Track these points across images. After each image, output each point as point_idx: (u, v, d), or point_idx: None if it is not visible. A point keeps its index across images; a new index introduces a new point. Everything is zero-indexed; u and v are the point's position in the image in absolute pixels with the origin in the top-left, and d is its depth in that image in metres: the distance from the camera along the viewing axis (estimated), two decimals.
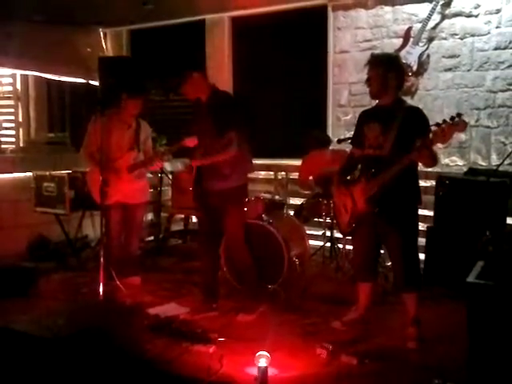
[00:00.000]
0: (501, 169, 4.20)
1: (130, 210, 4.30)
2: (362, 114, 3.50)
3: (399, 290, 3.35)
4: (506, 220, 4.16)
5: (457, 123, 2.86)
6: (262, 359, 2.62)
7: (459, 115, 2.87)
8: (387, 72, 3.23)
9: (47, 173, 4.98)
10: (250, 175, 5.94)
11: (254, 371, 2.66)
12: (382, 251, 3.75)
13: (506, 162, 4.38)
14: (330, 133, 5.71)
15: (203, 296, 3.83)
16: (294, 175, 5.42)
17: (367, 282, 3.48)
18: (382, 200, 3.18)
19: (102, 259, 3.65)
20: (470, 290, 2.30)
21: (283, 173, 5.57)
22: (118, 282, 3.94)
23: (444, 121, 2.89)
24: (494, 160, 4.86)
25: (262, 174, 6.12)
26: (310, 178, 5.09)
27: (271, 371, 2.68)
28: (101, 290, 3.58)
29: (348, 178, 3.60)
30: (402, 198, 3.21)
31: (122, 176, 4.12)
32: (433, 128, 2.97)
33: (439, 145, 3.19)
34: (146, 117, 4.50)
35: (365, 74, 3.37)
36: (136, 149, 4.26)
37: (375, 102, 3.49)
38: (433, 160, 3.15)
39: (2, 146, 6.58)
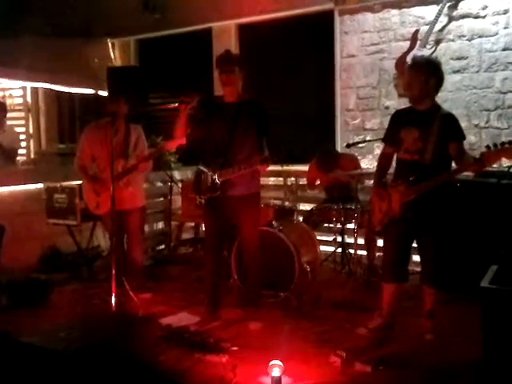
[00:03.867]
0: None
1: (125, 216, 4.25)
2: (398, 114, 3.50)
3: (424, 283, 3.40)
4: None
5: (505, 149, 2.90)
6: (276, 368, 2.60)
7: (510, 142, 2.89)
8: (429, 77, 3.24)
9: (58, 184, 5.01)
10: (260, 181, 5.98)
11: (267, 381, 2.65)
12: None
13: None
14: (338, 137, 5.71)
15: (208, 304, 3.79)
16: (304, 181, 5.41)
17: (394, 282, 3.43)
18: (420, 205, 3.21)
19: (113, 270, 3.64)
20: (485, 295, 2.27)
21: (293, 179, 5.57)
22: (130, 292, 3.94)
23: (494, 145, 2.95)
24: (505, 161, 4.80)
25: (272, 181, 6.12)
26: (318, 182, 5.08)
27: (285, 380, 2.66)
28: (113, 300, 3.57)
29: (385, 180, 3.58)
30: (439, 202, 3.26)
31: (109, 186, 3.92)
32: (483, 150, 3.00)
33: None
34: (141, 121, 4.49)
35: (373, 77, 3.37)
36: (124, 156, 4.15)
37: (384, 106, 3.49)
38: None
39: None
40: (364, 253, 4.76)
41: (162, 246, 6.02)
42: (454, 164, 3.29)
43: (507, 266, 2.46)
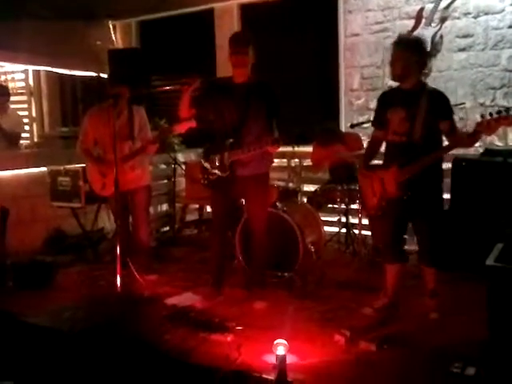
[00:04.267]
0: None
1: (130, 196, 4.28)
2: (384, 96, 3.47)
3: (422, 263, 3.41)
4: None
5: (504, 117, 2.83)
6: (280, 347, 2.61)
7: (507, 110, 2.84)
8: (412, 55, 3.19)
9: (61, 167, 5.01)
10: None
11: (272, 359, 2.66)
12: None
13: None
14: (342, 117, 5.67)
15: (213, 284, 3.82)
16: (308, 162, 5.38)
17: (396, 263, 3.46)
18: (413, 185, 3.19)
19: (118, 251, 3.65)
20: (490, 273, 2.26)
21: (296, 160, 5.54)
22: (135, 273, 3.96)
23: (490, 114, 2.88)
24: (511, 140, 4.77)
25: (276, 162, 6.07)
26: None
27: (290, 359, 2.67)
28: (118, 281, 3.59)
29: (374, 162, 3.57)
30: (431, 182, 3.26)
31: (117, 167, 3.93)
32: (479, 120, 2.94)
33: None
34: (143, 103, 4.46)
35: (377, 56, 3.33)
36: (130, 139, 4.17)
37: (388, 85, 3.46)
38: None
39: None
40: (368, 233, 4.75)
41: (167, 228, 6.04)
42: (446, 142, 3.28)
43: None
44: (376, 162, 3.59)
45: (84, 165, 4.60)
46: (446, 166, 4.59)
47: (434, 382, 2.62)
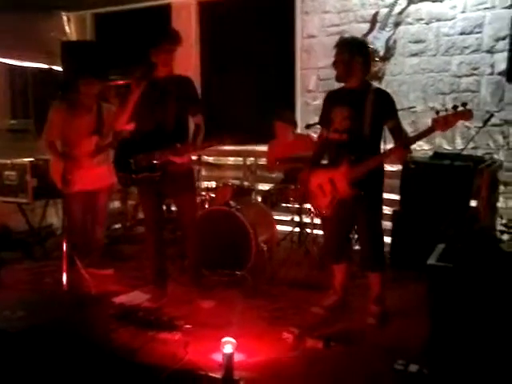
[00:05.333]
0: (465, 152, 4.25)
1: (94, 196, 4.24)
2: (329, 94, 3.49)
3: (365, 269, 3.43)
4: (469, 203, 4.23)
5: (462, 112, 2.83)
6: (228, 345, 2.59)
7: (464, 104, 2.83)
8: (353, 56, 3.22)
9: (8, 161, 4.84)
10: (219, 161, 5.96)
11: (219, 357, 2.65)
12: None
13: (470, 146, 4.45)
14: (298, 118, 5.69)
15: (156, 283, 3.76)
16: (263, 161, 5.40)
17: (342, 263, 3.51)
18: (363, 183, 3.20)
19: (64, 248, 3.56)
20: (430, 272, 2.32)
21: (252, 158, 5.55)
22: (82, 271, 3.87)
23: (446, 109, 2.86)
24: (459, 144, 4.93)
25: (231, 160, 6.09)
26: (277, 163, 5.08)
27: (237, 357, 2.66)
28: (64, 279, 3.49)
29: (322, 162, 3.58)
30: (375, 181, 3.28)
31: (82, 163, 4.01)
32: (435, 116, 2.92)
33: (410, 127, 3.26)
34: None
35: (332, 59, 3.35)
36: (98, 133, 4.13)
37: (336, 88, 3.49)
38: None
39: None
40: (321, 232, 4.80)
41: (118, 225, 5.93)
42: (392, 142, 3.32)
43: (454, 245, 2.52)
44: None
45: (32, 159, 4.47)
46: (397, 167, 4.75)
47: (378, 379, 2.66)
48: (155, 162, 3.46)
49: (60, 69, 5.87)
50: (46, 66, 6.43)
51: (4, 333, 2.49)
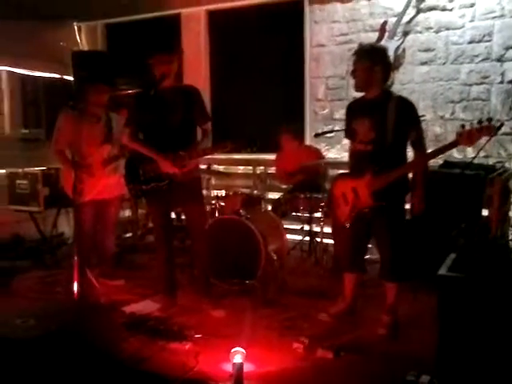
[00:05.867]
0: (476, 161, 4.22)
1: (105, 206, 4.25)
2: (350, 106, 3.47)
3: (383, 278, 3.39)
4: (481, 212, 4.20)
5: (487, 127, 2.79)
6: (237, 355, 2.60)
7: (489, 120, 2.80)
8: (374, 65, 3.17)
9: (20, 170, 4.89)
10: (229, 170, 5.98)
11: (229, 367, 2.64)
12: None
13: (480, 155, 4.41)
14: (307, 127, 5.72)
15: (166, 293, 3.77)
16: (273, 170, 5.41)
17: (356, 272, 3.50)
18: (386, 194, 3.18)
19: (76, 257, 3.58)
20: (441, 283, 2.31)
21: (262, 167, 5.56)
22: (93, 279, 3.89)
23: (471, 123, 2.84)
24: (470, 153, 4.90)
25: (241, 169, 6.11)
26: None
27: (247, 367, 2.66)
28: (75, 288, 3.51)
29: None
30: (397, 192, 3.24)
31: (94, 172, 4.04)
32: (459, 130, 2.89)
33: None
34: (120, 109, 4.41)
35: (342, 67, 3.35)
36: (109, 143, 4.14)
37: (352, 96, 3.49)
38: None
39: None
40: (331, 241, 4.79)
41: (129, 234, 5.95)
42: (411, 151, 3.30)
43: (465, 255, 2.50)
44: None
45: (44, 168, 4.51)
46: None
47: None
48: (163, 171, 3.50)
49: (71, 78, 5.93)
50: (57, 76, 6.50)
51: (15, 341, 2.52)
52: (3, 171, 5.11)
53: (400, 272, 3.32)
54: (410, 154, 3.37)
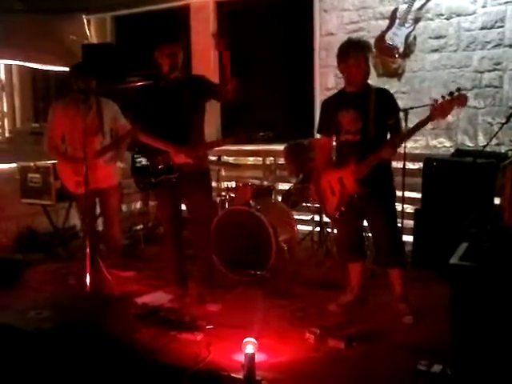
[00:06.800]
0: (488, 149, 4.19)
1: (104, 195, 4.25)
2: (328, 102, 3.50)
3: (386, 265, 3.42)
4: (493, 200, 4.16)
5: (457, 97, 2.92)
6: (249, 346, 2.60)
7: (458, 90, 2.92)
8: (368, 59, 3.28)
9: (32, 164, 4.93)
10: (239, 161, 5.97)
11: (241, 358, 2.66)
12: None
13: (492, 143, 4.38)
14: (316, 116, 5.67)
15: (177, 283, 3.79)
16: (282, 160, 5.39)
17: (357, 261, 3.53)
18: (371, 180, 3.23)
19: (87, 249, 3.61)
20: (453, 272, 2.29)
21: (271, 158, 5.55)
22: (104, 271, 3.92)
23: (442, 96, 2.94)
24: (481, 140, 4.85)
25: (251, 160, 6.10)
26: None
27: (259, 357, 2.68)
28: (88, 280, 3.54)
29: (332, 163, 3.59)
30: (382, 177, 3.31)
31: (88, 163, 3.79)
32: (432, 105, 2.99)
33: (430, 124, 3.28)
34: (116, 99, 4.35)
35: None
36: (100, 133, 4.09)
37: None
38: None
39: None
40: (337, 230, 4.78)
41: (140, 226, 5.98)
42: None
43: (477, 244, 2.49)
44: None
45: (55, 161, 4.53)
46: (418, 165, 4.71)
47: (401, 379, 2.64)
48: (172, 162, 3.50)
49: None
50: (67, 70, 6.51)
51: (30, 333, 2.55)
52: (15, 165, 5.15)
53: (399, 256, 3.35)
54: None
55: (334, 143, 3.51)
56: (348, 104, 3.32)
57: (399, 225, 3.63)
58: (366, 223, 3.55)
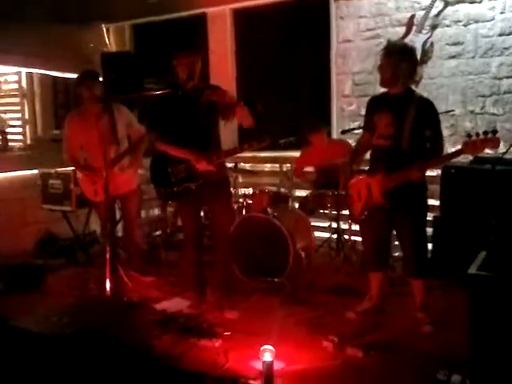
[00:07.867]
0: (507, 156, 4.15)
1: (123, 200, 4.31)
2: (372, 100, 3.50)
3: (409, 275, 3.40)
4: None
5: (490, 139, 2.88)
6: (267, 353, 2.62)
7: (494, 132, 2.88)
8: (400, 61, 3.21)
9: (53, 170, 5.01)
10: (256, 168, 5.99)
11: (259, 365, 2.67)
12: None
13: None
14: (334, 124, 5.69)
15: (195, 290, 3.81)
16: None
17: (379, 271, 3.51)
18: (398, 193, 3.20)
19: (108, 255, 3.65)
20: (472, 282, 2.29)
21: (288, 165, 5.56)
22: (124, 276, 3.97)
23: (477, 134, 2.90)
24: (501, 147, 4.77)
25: (268, 167, 6.12)
26: (309, 169, 5.10)
27: (277, 365, 2.69)
28: (107, 285, 3.59)
29: (363, 167, 3.60)
30: (416, 191, 3.26)
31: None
32: (465, 139, 2.99)
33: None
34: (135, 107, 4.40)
35: (368, 63, 3.36)
36: (114, 141, 4.09)
37: (379, 92, 3.49)
38: None
39: (10, 144, 6.64)
40: (359, 239, 4.77)
41: (158, 232, 6.03)
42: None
43: (496, 253, 2.47)
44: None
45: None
46: (437, 172, 4.68)
47: None
48: (194, 170, 3.52)
49: (100, 79, 6.02)
50: None
51: (52, 338, 2.59)
52: (37, 171, 5.24)
53: (423, 268, 3.33)
54: None
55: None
56: (385, 106, 3.29)
57: None
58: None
